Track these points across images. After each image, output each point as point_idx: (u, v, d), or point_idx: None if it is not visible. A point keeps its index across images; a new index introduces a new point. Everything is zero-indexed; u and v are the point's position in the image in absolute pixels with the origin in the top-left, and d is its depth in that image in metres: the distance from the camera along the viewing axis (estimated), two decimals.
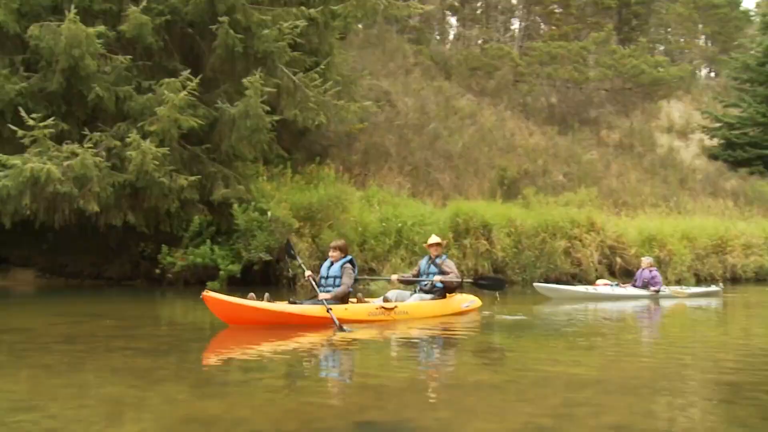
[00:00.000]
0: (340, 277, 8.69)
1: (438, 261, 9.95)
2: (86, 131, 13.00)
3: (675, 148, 30.37)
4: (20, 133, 12.10)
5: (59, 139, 12.68)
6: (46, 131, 12.22)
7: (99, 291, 13.76)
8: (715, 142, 32.04)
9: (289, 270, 14.46)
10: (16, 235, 13.87)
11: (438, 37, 37.19)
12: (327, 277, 8.83)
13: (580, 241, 18.39)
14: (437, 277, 9.74)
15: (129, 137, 12.67)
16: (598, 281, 15.10)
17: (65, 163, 12.11)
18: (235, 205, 14.27)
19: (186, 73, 13.27)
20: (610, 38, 31.34)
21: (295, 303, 8.25)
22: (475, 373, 5.71)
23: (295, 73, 14.53)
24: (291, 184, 16.34)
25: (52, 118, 12.47)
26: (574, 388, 5.04)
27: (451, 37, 38.45)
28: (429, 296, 9.79)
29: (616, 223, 20.10)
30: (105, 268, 15.58)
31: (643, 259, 15.15)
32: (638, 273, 14.70)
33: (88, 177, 12.28)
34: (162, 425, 3.91)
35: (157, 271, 14.41)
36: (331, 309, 8.01)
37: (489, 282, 11.41)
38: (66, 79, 12.85)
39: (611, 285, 14.49)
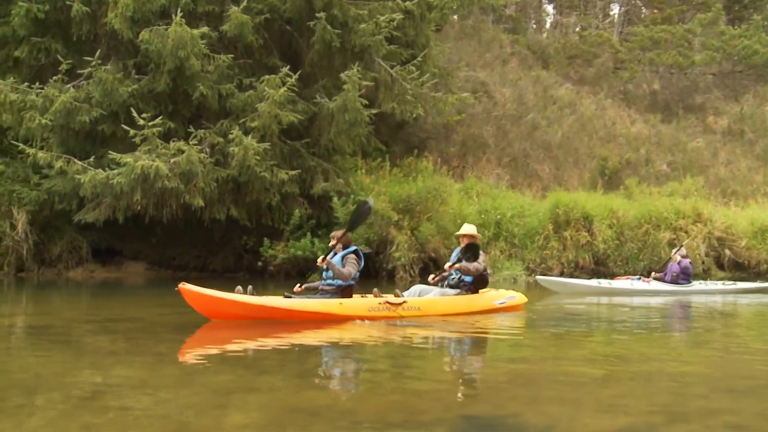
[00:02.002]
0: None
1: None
2: (191, 129, 13.46)
3: None
4: (132, 132, 12.63)
5: (166, 137, 13.17)
6: (154, 130, 12.71)
7: (204, 283, 14.18)
8: None
9: (389, 262, 14.55)
10: (128, 229, 14.53)
11: (534, 26, 36.48)
12: (328, 269, 8.21)
13: (686, 232, 17.66)
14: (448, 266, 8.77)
15: (231, 133, 13.03)
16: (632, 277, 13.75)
17: (172, 160, 12.56)
18: (335, 199, 14.46)
19: (285, 69, 13.51)
20: (718, 18, 29.87)
21: (289, 297, 7.77)
22: (576, 368, 5.55)
23: (392, 66, 14.56)
24: (389, 176, 16.43)
25: (160, 117, 12.98)
26: (683, 385, 4.83)
27: (547, 25, 37.67)
28: (454, 291, 8.90)
29: (725, 213, 19.14)
30: (210, 260, 16.12)
31: (675, 251, 13.81)
32: (669, 266, 13.45)
33: (194, 173, 12.70)
34: (268, 414, 3.96)
35: (259, 263, 14.79)
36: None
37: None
38: (172, 80, 13.32)
39: (633, 279, 13.31)
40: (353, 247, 8.30)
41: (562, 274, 15.69)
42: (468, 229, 9.28)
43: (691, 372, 5.42)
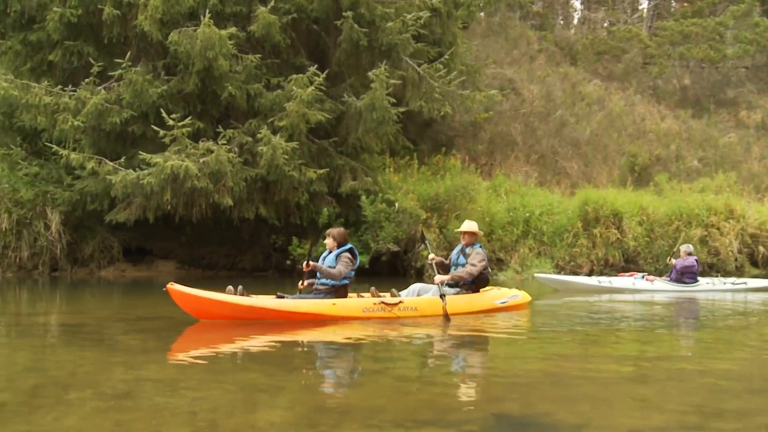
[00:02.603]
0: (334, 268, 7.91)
1: (467, 250, 8.83)
2: (220, 129, 13.56)
3: None
4: (161, 132, 12.76)
5: (195, 137, 13.28)
6: (184, 130, 12.82)
7: (233, 281, 14.29)
8: None
9: (417, 261, 14.56)
10: (158, 228, 14.69)
11: (562, 22, 36.20)
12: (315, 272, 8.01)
13: (718, 229, 17.43)
14: (437, 278, 8.45)
15: (260, 133, 13.10)
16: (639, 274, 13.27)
17: (201, 160, 12.66)
18: (363, 197, 14.49)
19: (313, 68, 13.55)
20: (752, 10, 29.31)
21: (282, 297, 7.65)
22: (604, 366, 5.50)
23: (419, 65, 14.54)
24: (417, 175, 16.43)
25: (189, 118, 13.09)
26: (717, 384, 4.77)
27: (575, 21, 37.34)
28: (453, 290, 8.63)
29: (759, 209, 18.84)
30: (239, 259, 16.24)
31: (681, 247, 13.29)
32: (676, 263, 12.94)
33: (223, 172, 12.79)
34: (299, 413, 3.99)
35: (288, 262, 14.85)
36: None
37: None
38: (201, 80, 13.42)
39: (636, 277, 12.79)
40: (348, 246, 8.08)
41: (591, 272, 15.57)
42: (469, 225, 9.03)
43: (724, 370, 5.35)
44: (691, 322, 9.06)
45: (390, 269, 14.46)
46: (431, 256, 8.62)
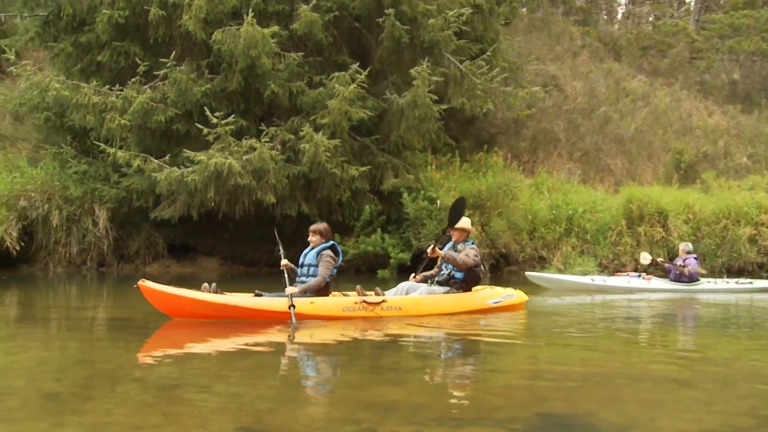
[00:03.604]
0: (315, 266, 7.58)
1: (459, 247, 8.46)
2: (263, 126, 13.69)
3: None
4: (205, 130, 12.92)
5: (239, 135, 13.42)
6: (227, 128, 12.97)
7: (275, 278, 14.41)
8: None
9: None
10: (202, 225, 14.90)
11: (606, 17, 35.71)
12: (302, 266, 7.72)
13: None
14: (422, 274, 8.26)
15: (302, 130, 13.19)
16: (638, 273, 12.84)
17: (244, 158, 12.80)
18: (405, 195, 14.51)
19: (355, 66, 13.59)
20: None
21: (260, 295, 7.36)
22: (654, 366, 5.42)
23: (461, 62, 14.49)
24: (459, 172, 16.38)
25: (232, 116, 13.24)
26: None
27: (619, 15, 36.82)
28: (443, 289, 8.29)
29: None
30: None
31: (680, 245, 12.99)
32: (675, 261, 12.58)
33: (265, 170, 12.91)
34: (343, 409, 4.00)
35: None
36: (294, 306, 6.95)
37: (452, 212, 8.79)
38: (244, 79, 13.56)
39: (631, 276, 12.39)
40: (330, 242, 7.79)
41: (636, 271, 15.33)
42: (464, 222, 8.66)
43: None
44: (720, 322, 8.84)
45: (432, 266, 14.40)
46: (283, 262, 7.81)
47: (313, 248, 7.72)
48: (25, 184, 14.89)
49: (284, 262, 7.73)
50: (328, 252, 7.62)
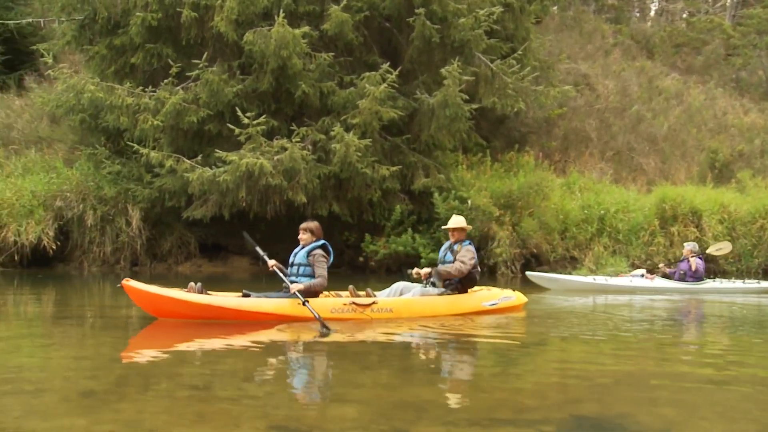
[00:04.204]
0: (306, 265, 7.40)
1: (456, 247, 8.24)
2: (294, 126, 13.76)
3: None
4: (237, 131, 13.02)
5: (270, 135, 13.50)
6: (258, 128, 13.05)
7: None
8: None
9: (490, 258, 14.46)
10: (233, 225, 14.95)
11: (638, 14, 35.27)
12: (292, 265, 7.52)
13: None
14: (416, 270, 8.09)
15: (333, 130, 13.23)
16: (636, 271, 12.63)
17: (276, 158, 12.87)
18: (436, 194, 14.48)
19: (385, 66, 13.60)
20: None
21: (248, 296, 7.27)
22: (691, 369, 5.34)
23: (492, 61, 14.43)
24: (490, 172, 16.32)
25: (263, 116, 13.32)
26: None
27: (652, 13, 36.32)
28: (437, 290, 8.07)
29: None
30: None
31: (685, 245, 12.73)
32: (679, 263, 12.41)
33: (296, 170, 12.97)
34: (375, 408, 3.99)
35: (361, 258, 14.97)
36: (308, 301, 6.92)
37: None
38: (275, 79, 13.64)
39: (634, 275, 12.22)
40: (321, 241, 7.58)
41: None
42: (456, 221, 8.40)
43: None
44: (749, 323, 8.66)
45: None
46: (271, 263, 7.68)
47: (303, 247, 7.56)
48: (61, 185, 15.15)
49: (272, 262, 7.56)
50: (320, 251, 7.45)
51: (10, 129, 18.21)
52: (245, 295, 7.26)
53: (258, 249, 7.84)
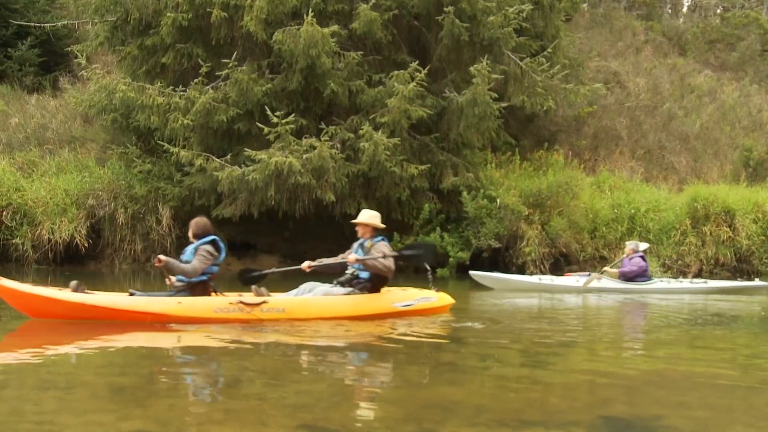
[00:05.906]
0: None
1: (366, 244, 7.72)
2: (322, 125, 13.77)
3: None
4: (266, 130, 13.08)
5: (299, 133, 13.54)
6: (287, 127, 13.09)
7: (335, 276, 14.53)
8: None
9: (519, 257, 14.40)
10: (262, 224, 15.07)
11: (670, 11, 34.81)
12: (182, 262, 7.18)
13: None
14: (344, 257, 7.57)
15: (362, 129, 13.23)
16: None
17: (305, 156, 12.90)
18: (464, 193, 14.42)
19: (414, 64, 13.56)
20: None
21: (134, 294, 6.96)
22: (725, 371, 5.25)
23: (521, 59, 14.33)
24: (519, 170, 16.20)
25: (292, 115, 13.35)
26: None
27: (684, 9, 35.85)
28: (344, 290, 7.53)
29: None
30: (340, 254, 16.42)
31: (627, 244, 12.45)
32: (623, 261, 12.09)
33: (325, 168, 12.99)
34: (403, 409, 3.99)
35: None
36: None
37: (412, 253, 8.45)
38: (304, 78, 13.66)
39: (580, 276, 11.89)
40: (210, 237, 7.21)
41: (701, 272, 14.93)
42: (364, 216, 7.86)
43: None
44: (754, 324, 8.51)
45: (491, 265, 14.30)
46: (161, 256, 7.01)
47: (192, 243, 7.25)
48: (93, 183, 15.32)
49: (160, 257, 6.89)
50: (206, 247, 7.07)
51: (45, 129, 18.44)
52: (131, 295, 6.99)
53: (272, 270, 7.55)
